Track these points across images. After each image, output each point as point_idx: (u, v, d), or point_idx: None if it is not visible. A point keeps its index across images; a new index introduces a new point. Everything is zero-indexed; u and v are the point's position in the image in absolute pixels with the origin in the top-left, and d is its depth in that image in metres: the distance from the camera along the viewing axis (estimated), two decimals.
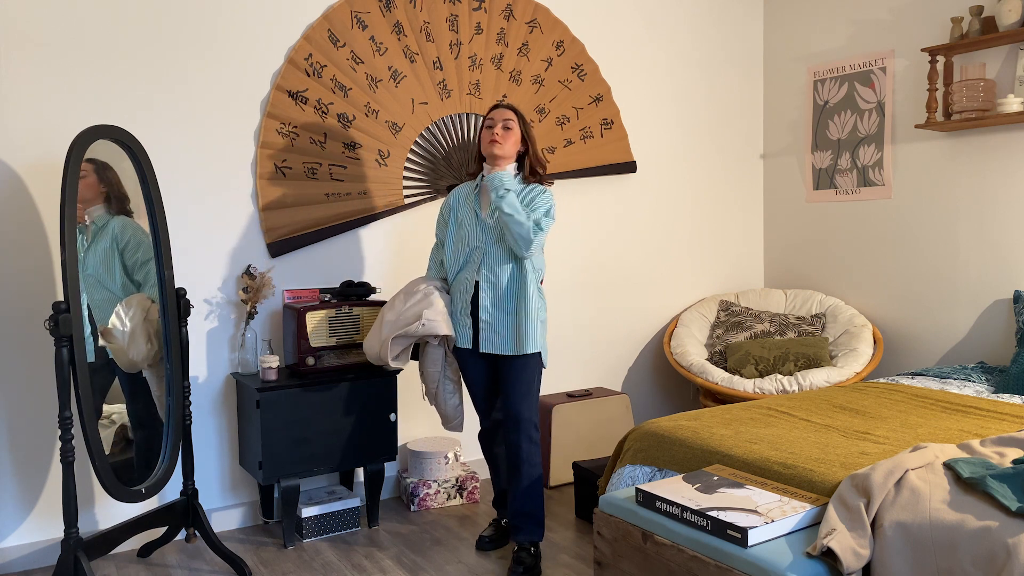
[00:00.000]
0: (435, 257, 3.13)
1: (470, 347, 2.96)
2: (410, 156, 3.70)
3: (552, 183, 3.06)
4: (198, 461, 3.34)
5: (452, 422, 3.14)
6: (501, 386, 2.96)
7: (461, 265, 2.96)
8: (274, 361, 3.20)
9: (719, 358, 4.08)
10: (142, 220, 2.95)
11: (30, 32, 2.97)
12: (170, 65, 3.21)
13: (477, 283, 2.91)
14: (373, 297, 3.59)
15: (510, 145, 2.89)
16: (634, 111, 4.30)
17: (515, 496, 2.94)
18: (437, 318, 2.92)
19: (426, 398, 3.14)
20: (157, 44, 3.19)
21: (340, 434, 3.27)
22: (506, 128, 2.88)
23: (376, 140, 3.62)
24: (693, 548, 2.04)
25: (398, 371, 3.34)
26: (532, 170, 2.93)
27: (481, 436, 3.19)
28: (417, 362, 3.23)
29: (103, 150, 2.80)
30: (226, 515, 3.39)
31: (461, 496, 3.65)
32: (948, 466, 2.07)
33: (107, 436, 2.77)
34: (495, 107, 2.96)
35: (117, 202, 2.86)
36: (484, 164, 2.97)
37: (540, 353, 2.94)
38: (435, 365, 3.05)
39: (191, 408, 3.26)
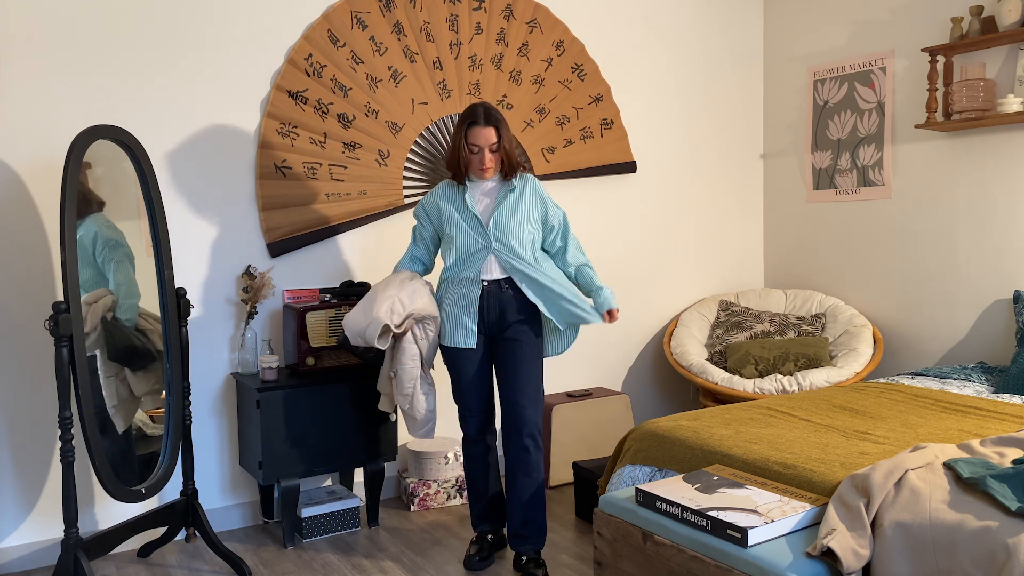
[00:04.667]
0: (411, 249, 3.04)
1: (474, 347, 2.90)
2: (410, 156, 3.70)
3: (528, 168, 3.06)
4: (198, 461, 3.34)
5: (425, 427, 3.01)
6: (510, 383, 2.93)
7: (463, 262, 2.89)
8: (274, 361, 3.20)
9: (719, 358, 4.08)
10: (142, 221, 2.95)
11: (30, 32, 2.97)
12: (170, 65, 3.21)
13: (483, 282, 2.87)
14: None
15: (498, 164, 2.88)
16: (634, 111, 4.30)
17: (520, 504, 2.91)
18: (431, 302, 2.93)
19: (402, 403, 2.98)
20: (157, 44, 3.19)
21: (340, 434, 3.27)
22: (493, 152, 2.84)
23: (376, 140, 3.62)
24: (693, 548, 2.04)
25: (378, 354, 3.21)
26: (512, 169, 2.89)
27: (473, 444, 3.05)
28: (378, 364, 3.08)
29: (103, 150, 2.80)
30: (226, 515, 3.39)
31: (461, 496, 3.65)
32: (948, 466, 2.07)
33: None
34: (472, 124, 2.81)
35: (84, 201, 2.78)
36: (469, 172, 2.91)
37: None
38: (414, 360, 2.92)
39: (191, 408, 3.26)
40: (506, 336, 2.91)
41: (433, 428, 3.04)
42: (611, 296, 2.94)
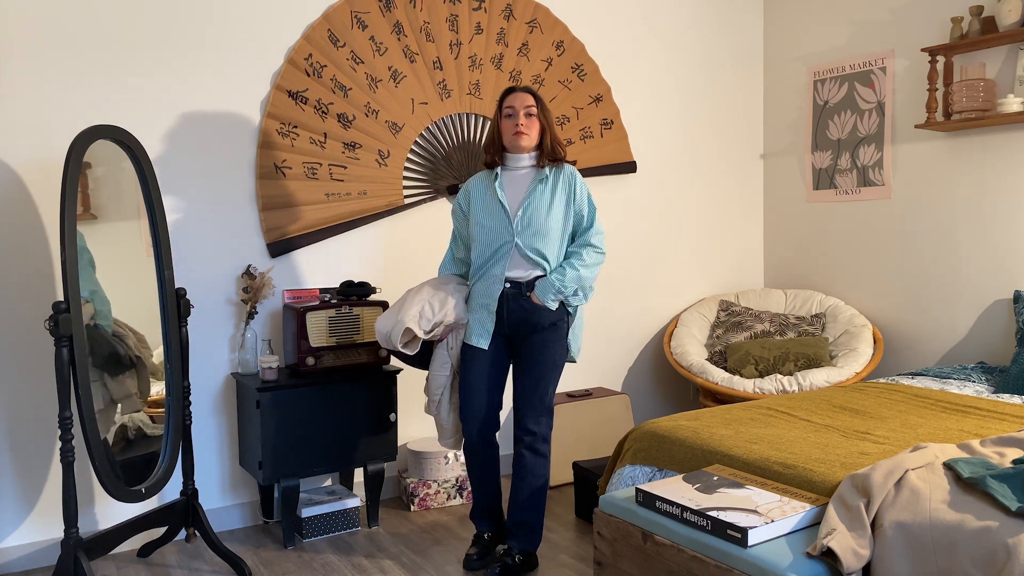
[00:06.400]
0: (452, 249, 3.04)
1: (486, 348, 2.85)
2: (410, 156, 3.70)
3: (573, 161, 3.02)
4: (198, 461, 3.34)
5: (451, 438, 3.01)
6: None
7: (487, 259, 2.82)
8: (274, 361, 3.20)
9: (719, 358, 4.08)
10: (142, 221, 2.95)
11: (30, 32, 2.97)
12: (170, 65, 3.21)
13: (506, 283, 2.80)
14: (373, 297, 3.59)
15: (535, 133, 2.79)
16: (634, 111, 4.30)
17: (514, 504, 2.90)
18: (462, 307, 2.86)
19: (431, 409, 3.01)
20: (157, 44, 3.19)
21: (340, 434, 3.27)
22: (528, 116, 2.77)
23: (376, 140, 3.62)
24: (693, 548, 2.04)
25: (408, 358, 3.11)
26: (553, 153, 2.82)
27: (469, 447, 2.97)
28: (423, 369, 3.08)
29: (103, 150, 2.80)
30: (226, 515, 3.39)
31: (461, 496, 3.65)
32: (948, 466, 2.07)
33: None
34: (511, 91, 2.80)
35: None
36: (505, 153, 2.85)
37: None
38: (443, 369, 2.92)
39: (191, 408, 3.26)
40: (530, 341, 2.84)
41: (460, 440, 3.02)
42: (547, 290, 2.77)
